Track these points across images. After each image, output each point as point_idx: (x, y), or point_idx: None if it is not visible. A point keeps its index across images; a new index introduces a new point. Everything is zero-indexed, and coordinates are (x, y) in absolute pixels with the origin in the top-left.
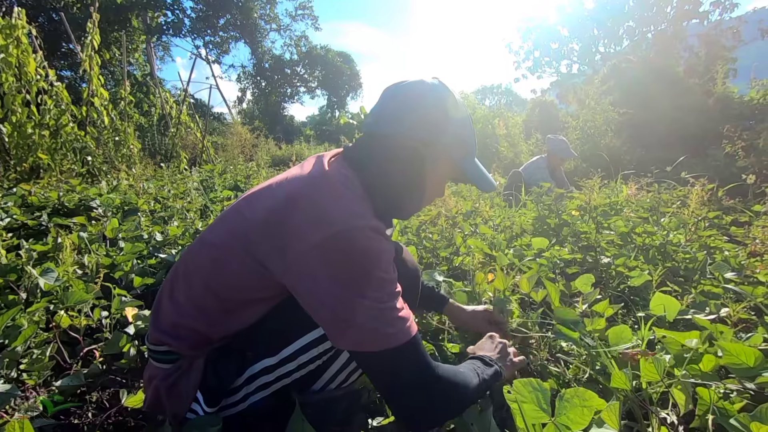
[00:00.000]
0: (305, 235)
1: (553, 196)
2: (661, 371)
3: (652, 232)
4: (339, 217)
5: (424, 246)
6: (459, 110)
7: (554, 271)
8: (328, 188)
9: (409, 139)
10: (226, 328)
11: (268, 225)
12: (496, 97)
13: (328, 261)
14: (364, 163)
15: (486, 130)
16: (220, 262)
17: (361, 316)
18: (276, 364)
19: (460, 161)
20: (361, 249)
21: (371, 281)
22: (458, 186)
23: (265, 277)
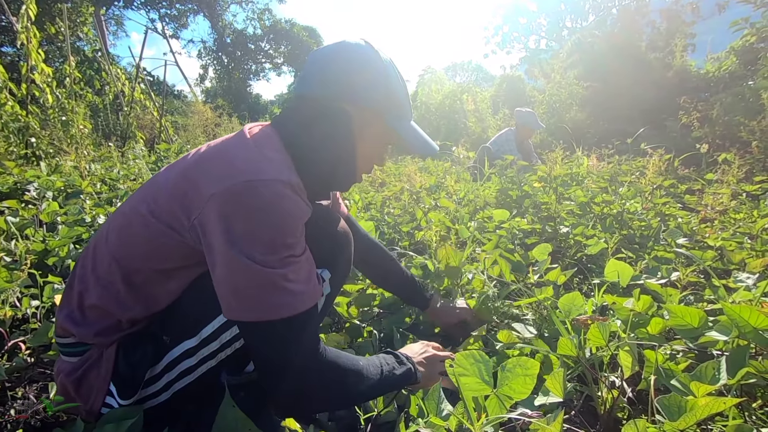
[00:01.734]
0: (207, 187)
1: (516, 168)
2: (606, 336)
3: (610, 201)
4: (246, 168)
5: (386, 221)
6: (388, 72)
7: (513, 242)
8: (240, 145)
9: (335, 100)
10: (135, 309)
11: (176, 186)
12: (467, 73)
13: (223, 213)
14: (287, 126)
15: (454, 105)
16: (126, 230)
17: (244, 278)
18: (197, 345)
19: (392, 123)
20: (261, 204)
21: (263, 241)
22: (425, 162)
23: (171, 239)
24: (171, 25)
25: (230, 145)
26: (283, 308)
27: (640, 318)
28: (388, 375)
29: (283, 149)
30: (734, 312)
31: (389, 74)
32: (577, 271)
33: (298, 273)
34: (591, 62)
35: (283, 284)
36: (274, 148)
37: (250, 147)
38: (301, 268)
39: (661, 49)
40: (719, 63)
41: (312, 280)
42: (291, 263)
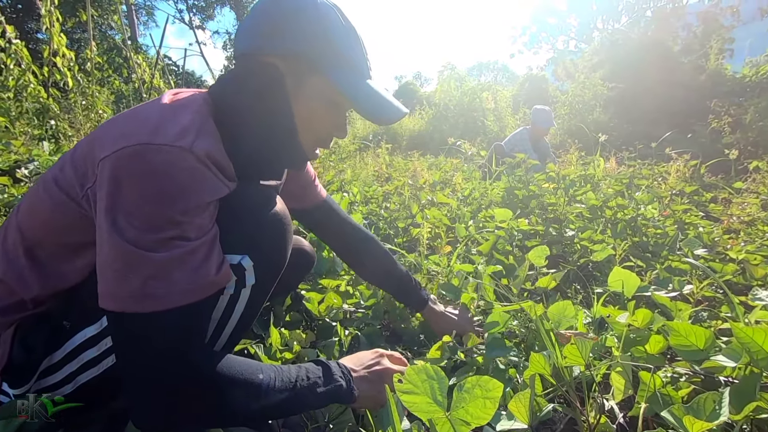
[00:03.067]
0: (100, 151)
1: (524, 167)
2: (585, 355)
3: (624, 206)
4: (143, 130)
5: (382, 216)
6: (325, 15)
7: (512, 244)
8: (151, 106)
9: (263, 54)
10: (38, 287)
11: (80, 151)
12: (492, 73)
13: (109, 177)
14: (217, 89)
15: (473, 103)
16: (33, 198)
17: (111, 256)
18: (99, 333)
19: (335, 78)
20: (148, 170)
21: (142, 215)
22: (437, 158)
23: (71, 210)
24: (198, 16)
25: (140, 107)
26: (151, 300)
27: (638, 334)
28: (304, 392)
29: (205, 113)
30: (746, 335)
31: (327, 19)
32: (578, 279)
33: (182, 260)
34: (617, 63)
35: (155, 271)
36: (191, 110)
37: (161, 109)
38: (189, 254)
39: (695, 51)
40: (757, 67)
41: (203, 271)
42: (175, 246)
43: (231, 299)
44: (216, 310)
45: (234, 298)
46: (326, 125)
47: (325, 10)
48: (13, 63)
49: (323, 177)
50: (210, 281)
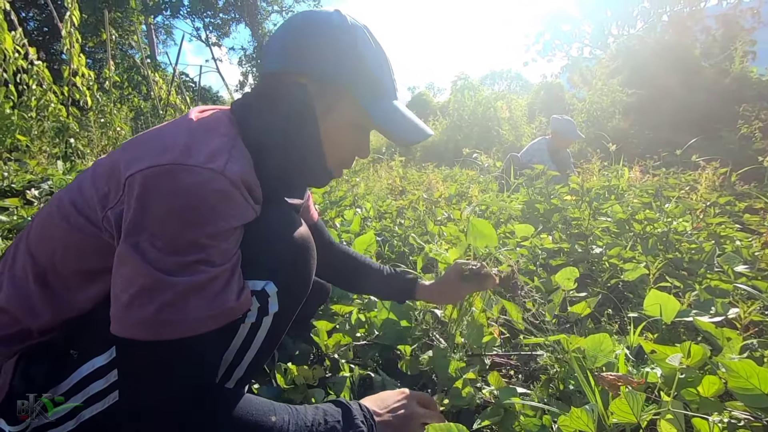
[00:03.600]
0: (126, 170)
1: (544, 179)
2: (638, 410)
3: (654, 219)
4: (174, 150)
5: (396, 233)
6: (356, 37)
7: (535, 263)
8: (178, 125)
9: (292, 74)
10: (47, 315)
11: (101, 171)
12: (505, 82)
13: (135, 196)
14: (242, 108)
15: (487, 113)
16: (47, 222)
17: (128, 278)
18: (108, 364)
19: (364, 102)
20: (177, 190)
21: (167, 234)
22: (452, 170)
23: (91, 234)
24: (214, 33)
25: (167, 126)
26: (165, 327)
27: (689, 374)
28: None
29: (233, 134)
30: None
31: (358, 40)
32: (610, 302)
33: (203, 287)
34: (636, 69)
35: (173, 296)
36: (219, 131)
37: (189, 128)
38: (211, 280)
39: (716, 55)
40: None
41: (223, 298)
42: (197, 272)
43: (252, 327)
44: (236, 339)
45: (255, 326)
46: (351, 147)
47: (356, 31)
48: (35, 83)
49: (335, 192)
50: (229, 308)
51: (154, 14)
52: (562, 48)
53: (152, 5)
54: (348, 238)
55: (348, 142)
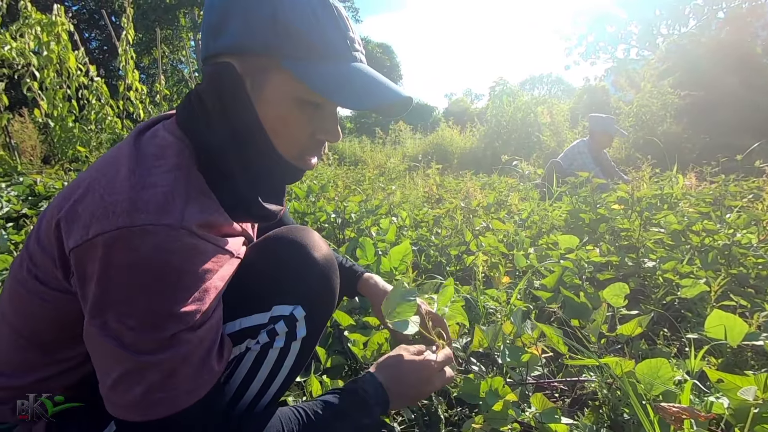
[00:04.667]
0: (71, 235)
1: (590, 187)
2: None
3: (714, 231)
4: (119, 206)
5: (433, 243)
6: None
7: (581, 277)
8: (121, 162)
9: (218, 55)
10: (66, 382)
11: (46, 233)
12: (546, 86)
13: (86, 273)
14: (188, 114)
15: (527, 118)
16: (17, 297)
17: (109, 363)
18: None
19: (297, 69)
20: (137, 262)
21: (139, 315)
22: (490, 178)
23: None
24: None
25: (108, 164)
26: (156, 408)
27: (764, 408)
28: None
29: (183, 161)
30: None
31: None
32: (665, 321)
33: (185, 358)
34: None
35: (158, 376)
36: (166, 164)
37: (129, 168)
38: (195, 347)
39: None
40: None
41: (208, 366)
42: (178, 343)
43: (281, 353)
44: (264, 366)
45: (284, 351)
46: (305, 129)
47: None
48: (94, 98)
49: (372, 200)
50: (214, 374)
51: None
52: (606, 50)
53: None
54: (384, 247)
55: (296, 123)
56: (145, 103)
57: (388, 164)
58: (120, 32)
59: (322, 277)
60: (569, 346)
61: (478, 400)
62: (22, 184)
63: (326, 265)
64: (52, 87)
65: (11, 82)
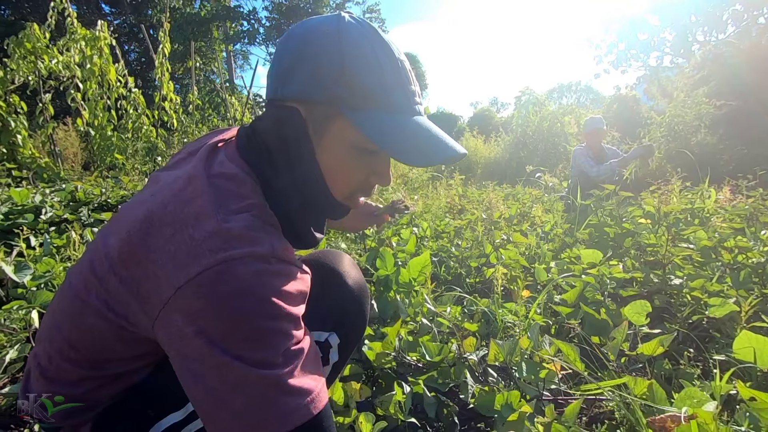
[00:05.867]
0: (166, 276)
1: (616, 201)
2: None
3: (747, 248)
4: (212, 243)
5: (453, 254)
6: (358, 48)
7: (603, 293)
8: (196, 200)
9: (284, 98)
10: (113, 391)
11: (123, 261)
12: (574, 95)
13: (195, 311)
14: (253, 147)
15: (554, 128)
16: (78, 317)
17: (238, 388)
18: (184, 419)
19: (358, 119)
20: (239, 290)
21: (254, 338)
22: (514, 188)
23: (133, 335)
24: None
25: (183, 204)
26: (296, 414)
27: None
28: None
29: (258, 199)
30: None
31: (349, 47)
32: (691, 341)
33: (306, 364)
34: (727, 77)
35: (289, 384)
36: (244, 194)
37: (215, 201)
38: (306, 355)
39: None
40: None
41: (320, 365)
42: (294, 355)
43: None
44: None
45: None
46: (359, 174)
47: (348, 36)
48: (132, 108)
49: None
50: (321, 381)
51: (233, 42)
52: (638, 58)
53: (232, 35)
54: (403, 257)
55: (354, 169)
56: (178, 113)
57: (410, 174)
58: (157, 45)
59: (356, 304)
60: (587, 364)
61: (494, 412)
62: (64, 190)
63: (359, 292)
64: (94, 98)
65: (57, 93)
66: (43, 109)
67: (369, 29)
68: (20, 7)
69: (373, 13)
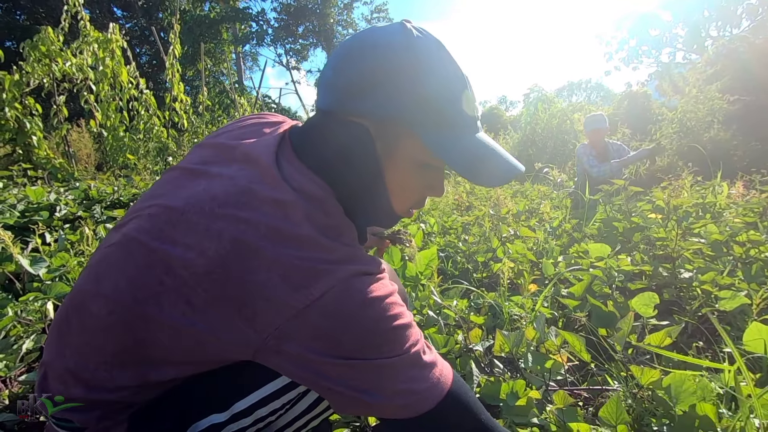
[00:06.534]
0: (279, 298)
1: (624, 196)
2: None
3: (760, 242)
4: (323, 265)
5: (461, 249)
6: (416, 61)
7: (610, 286)
8: (290, 221)
9: (349, 114)
10: (153, 394)
11: (214, 281)
12: (585, 92)
13: (320, 334)
14: (324, 163)
15: (563, 126)
16: (133, 326)
17: (387, 381)
18: (226, 421)
19: (428, 138)
20: (359, 305)
21: (383, 338)
22: (522, 186)
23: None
24: (294, 58)
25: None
26: (439, 385)
27: None
28: None
29: (338, 209)
30: None
31: (424, 66)
32: (701, 334)
33: (421, 340)
34: (741, 72)
35: (424, 361)
36: (331, 215)
37: (310, 224)
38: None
39: None
40: None
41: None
42: (413, 336)
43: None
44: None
45: None
46: (421, 188)
47: (421, 53)
48: (143, 109)
49: None
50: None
51: (242, 44)
52: (650, 54)
53: (241, 36)
54: (410, 252)
55: (416, 185)
56: (188, 114)
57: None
58: (168, 47)
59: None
60: (594, 355)
61: (499, 401)
62: (78, 188)
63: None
64: (106, 99)
65: (71, 95)
66: (57, 111)
67: (436, 44)
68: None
69: (381, 12)
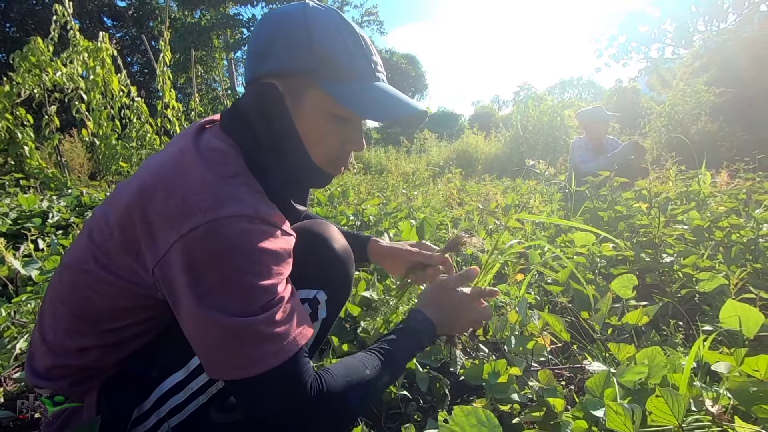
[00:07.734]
0: (163, 233)
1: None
2: (680, 412)
3: (740, 226)
4: (203, 204)
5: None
6: (310, 21)
7: (594, 271)
8: (186, 168)
9: (261, 75)
10: (116, 358)
11: (124, 230)
12: (575, 90)
13: (185, 264)
14: (236, 123)
15: (554, 122)
16: (80, 286)
17: (220, 335)
18: (185, 378)
19: (328, 87)
20: (227, 248)
21: (237, 291)
22: (513, 181)
23: (144, 296)
24: None
25: (175, 171)
26: (271, 358)
27: (761, 388)
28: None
29: (242, 167)
30: None
31: (316, 26)
32: (679, 314)
33: (283, 314)
34: (727, 65)
35: (265, 331)
36: (229, 163)
37: (199, 171)
38: (285, 308)
39: None
40: None
41: (299, 317)
42: (272, 305)
43: None
44: None
45: None
46: (335, 140)
47: (313, 17)
48: (135, 117)
49: (390, 203)
50: (307, 322)
51: (234, 50)
52: (639, 50)
53: (232, 42)
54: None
55: (328, 134)
56: (181, 120)
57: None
58: (158, 55)
59: (342, 265)
60: (575, 336)
61: (482, 381)
62: (70, 195)
63: (345, 255)
64: (98, 108)
65: (62, 105)
66: (49, 121)
67: (332, 11)
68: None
69: (371, 15)
